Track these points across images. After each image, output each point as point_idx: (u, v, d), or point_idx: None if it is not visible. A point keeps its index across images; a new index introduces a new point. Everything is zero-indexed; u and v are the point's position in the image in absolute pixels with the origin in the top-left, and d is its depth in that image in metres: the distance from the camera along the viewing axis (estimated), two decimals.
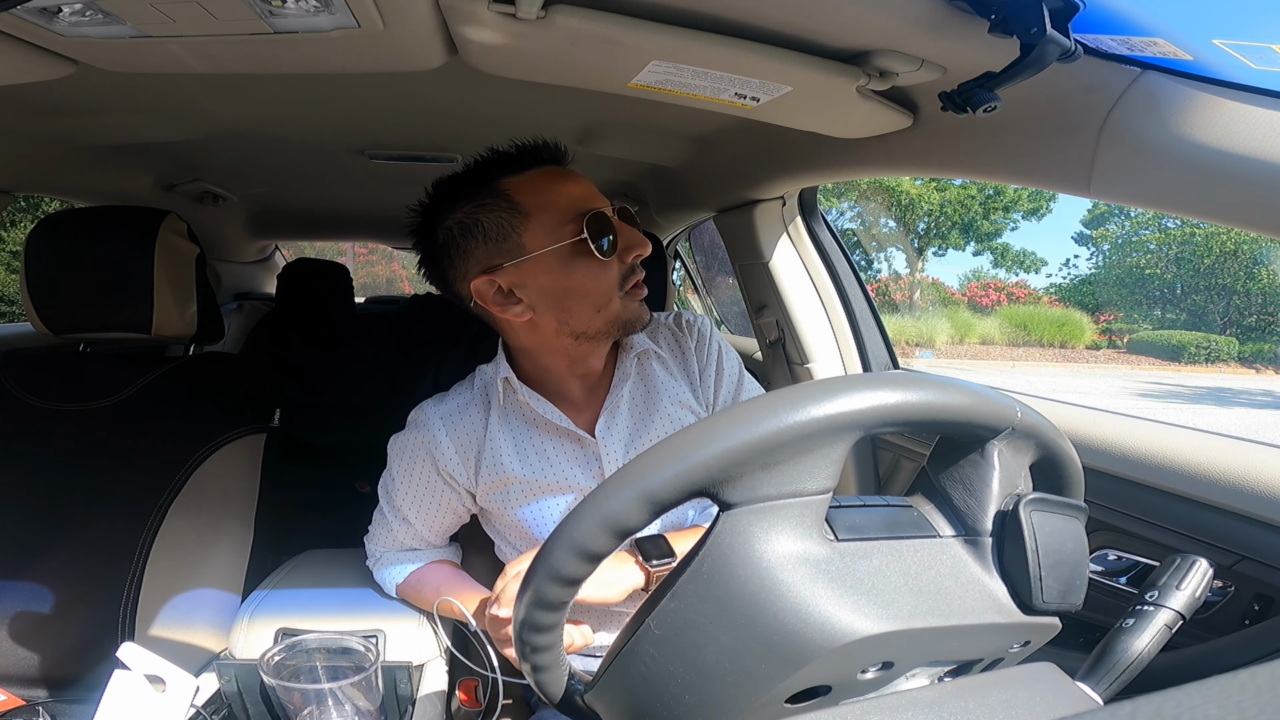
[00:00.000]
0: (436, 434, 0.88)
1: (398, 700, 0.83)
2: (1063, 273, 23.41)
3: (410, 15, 0.66)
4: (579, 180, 0.83)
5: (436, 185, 0.86)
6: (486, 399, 0.90)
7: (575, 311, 0.82)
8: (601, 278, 0.81)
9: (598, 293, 0.81)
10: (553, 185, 0.82)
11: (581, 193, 0.82)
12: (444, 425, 0.88)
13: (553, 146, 0.85)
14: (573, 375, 0.88)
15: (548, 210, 0.80)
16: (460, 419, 0.89)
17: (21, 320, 1.58)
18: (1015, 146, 0.78)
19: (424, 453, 0.89)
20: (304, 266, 2.23)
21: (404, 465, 0.91)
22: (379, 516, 0.96)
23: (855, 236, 18.43)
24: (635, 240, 0.83)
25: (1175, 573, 0.52)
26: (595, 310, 0.82)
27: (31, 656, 0.95)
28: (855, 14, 0.66)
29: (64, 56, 0.73)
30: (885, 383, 0.43)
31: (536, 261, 0.80)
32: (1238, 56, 0.57)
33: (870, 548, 0.44)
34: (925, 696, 0.38)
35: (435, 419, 0.89)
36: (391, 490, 0.92)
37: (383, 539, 0.95)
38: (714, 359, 0.95)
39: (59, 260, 1.04)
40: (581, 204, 0.81)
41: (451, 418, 0.89)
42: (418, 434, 0.89)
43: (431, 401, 0.92)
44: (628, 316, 0.84)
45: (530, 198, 0.81)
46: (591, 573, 0.45)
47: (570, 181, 0.83)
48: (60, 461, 1.03)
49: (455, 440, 0.88)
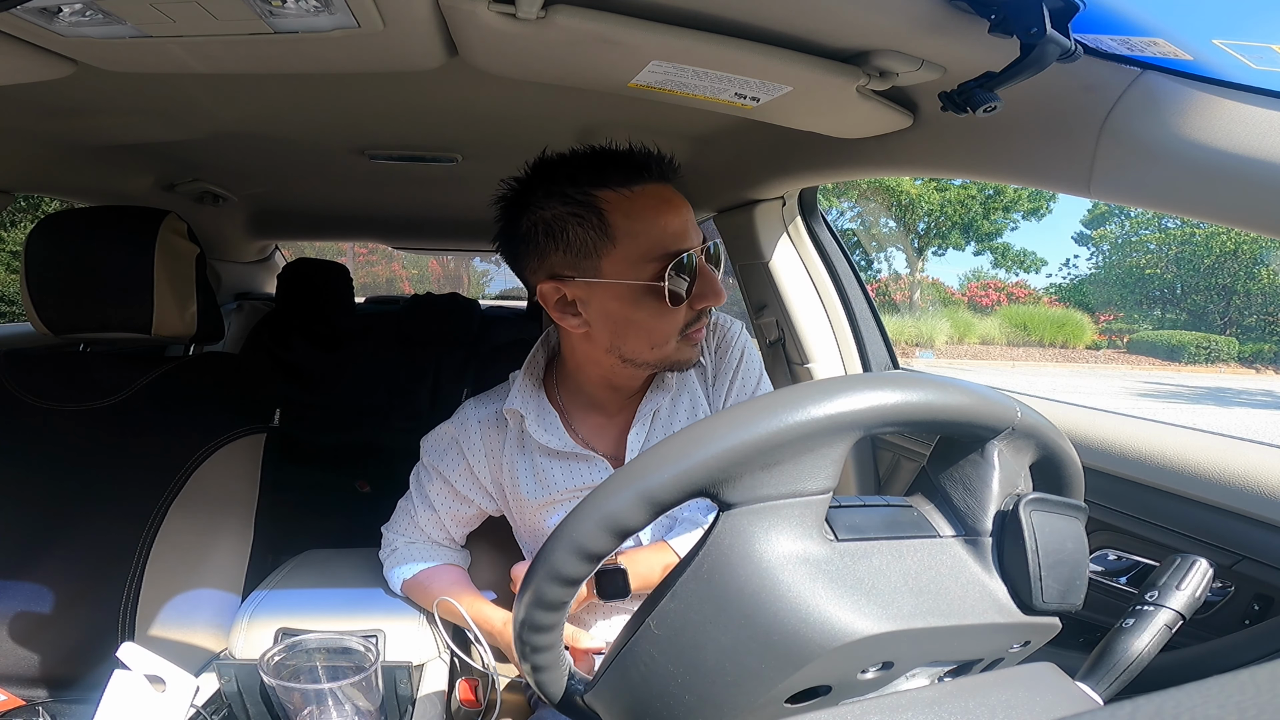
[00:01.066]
0: (471, 435, 0.91)
1: (398, 700, 0.83)
2: (1063, 273, 23.41)
3: (410, 15, 0.66)
4: (679, 211, 0.79)
5: (536, 166, 0.81)
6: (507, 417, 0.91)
7: (630, 341, 0.81)
8: (666, 320, 0.79)
9: (658, 333, 0.80)
10: (650, 214, 0.77)
11: (676, 228, 0.78)
12: (480, 430, 0.91)
13: (665, 162, 0.81)
14: (611, 386, 0.89)
15: (637, 240, 0.76)
16: (494, 427, 0.91)
17: (21, 320, 1.58)
18: (1015, 146, 0.78)
19: (457, 450, 0.91)
20: (304, 266, 2.23)
21: (439, 456, 0.93)
22: (404, 505, 0.98)
23: (855, 236, 18.45)
24: (710, 290, 0.79)
25: (1175, 573, 0.52)
26: (649, 347, 0.81)
27: (31, 656, 0.95)
28: (855, 14, 0.66)
29: (64, 56, 0.73)
30: (885, 383, 0.43)
31: (608, 288, 0.78)
32: (1238, 56, 0.57)
33: (870, 548, 0.44)
34: (925, 696, 0.38)
35: (473, 421, 0.91)
36: (424, 478, 0.94)
37: (404, 526, 0.97)
38: (734, 365, 0.93)
39: (59, 260, 1.04)
40: (671, 243, 0.77)
41: (487, 424, 0.91)
42: (456, 430, 0.92)
43: (473, 402, 0.94)
44: (679, 358, 0.83)
45: (624, 221, 0.76)
46: (591, 573, 0.45)
47: (669, 212, 0.78)
48: (60, 461, 1.03)
49: (486, 446, 0.91)
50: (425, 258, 15.58)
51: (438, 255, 12.36)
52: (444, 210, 2.19)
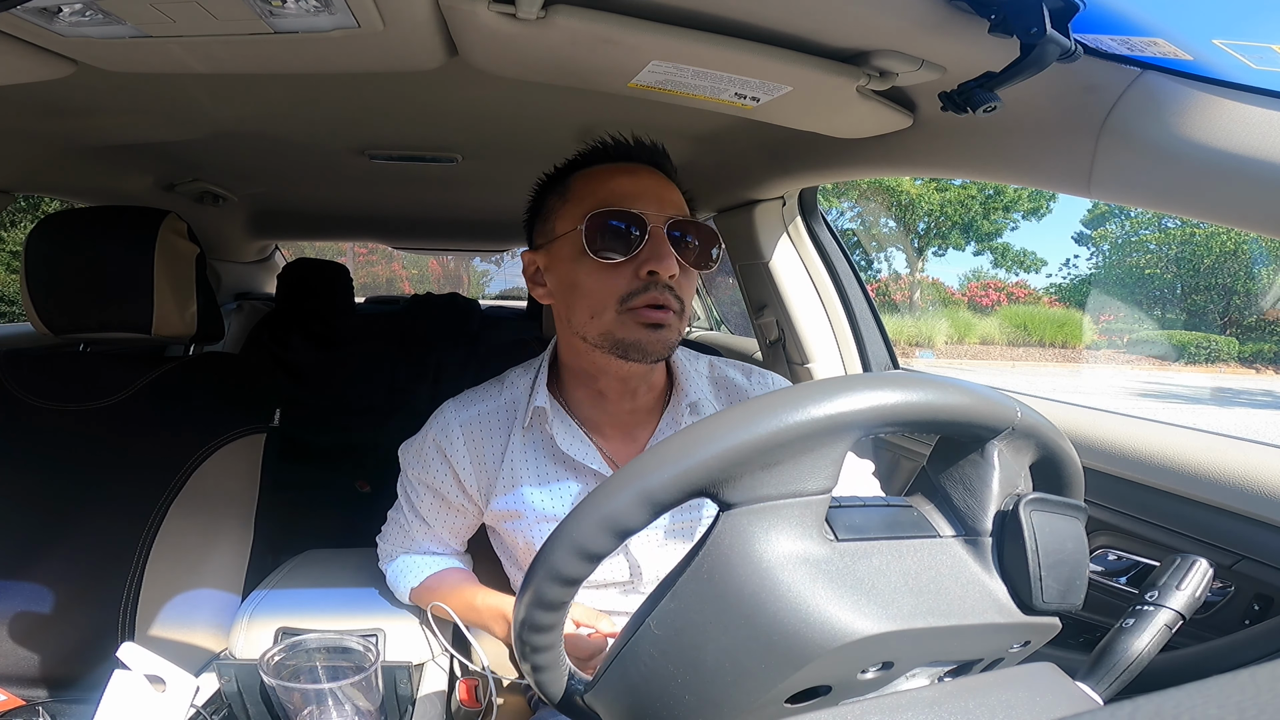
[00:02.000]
0: (455, 441, 0.84)
1: (398, 700, 0.83)
2: (1063, 273, 23.40)
3: (410, 15, 0.66)
4: (641, 178, 0.77)
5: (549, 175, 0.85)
6: (512, 414, 0.85)
7: (576, 310, 0.78)
8: (603, 281, 0.75)
9: (595, 297, 0.76)
10: (604, 176, 0.78)
11: (627, 189, 0.76)
12: (463, 433, 0.84)
13: (655, 149, 0.81)
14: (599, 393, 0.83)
15: (584, 199, 0.77)
16: (481, 430, 0.85)
17: (21, 320, 1.58)
18: (1015, 146, 0.78)
19: (442, 458, 0.85)
20: (304, 266, 2.23)
21: (422, 467, 0.87)
22: (395, 517, 0.94)
23: (855, 236, 18.45)
24: (655, 255, 0.73)
25: (1175, 573, 0.52)
26: (589, 315, 0.76)
27: (31, 656, 0.95)
28: (855, 14, 0.66)
29: (64, 56, 0.73)
30: (885, 383, 0.43)
31: (559, 247, 0.78)
32: (1238, 56, 0.57)
33: (870, 548, 0.44)
34: (925, 696, 0.38)
35: (455, 425, 0.85)
36: (410, 492, 0.90)
37: (398, 540, 0.93)
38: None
39: (59, 260, 1.04)
40: (615, 200, 0.75)
41: (472, 426, 0.85)
42: (436, 438, 0.85)
43: (453, 404, 0.87)
44: (622, 336, 0.75)
45: (580, 185, 0.79)
46: (591, 573, 0.45)
47: (626, 177, 0.77)
48: (60, 461, 1.03)
49: (473, 452, 0.84)
50: (425, 258, 15.56)
51: (438, 255, 12.36)
52: (444, 210, 2.19)
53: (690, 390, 0.84)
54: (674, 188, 0.81)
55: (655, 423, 0.85)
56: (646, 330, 0.75)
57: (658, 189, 0.78)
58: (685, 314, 0.78)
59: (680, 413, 0.84)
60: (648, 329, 0.75)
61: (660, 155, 0.82)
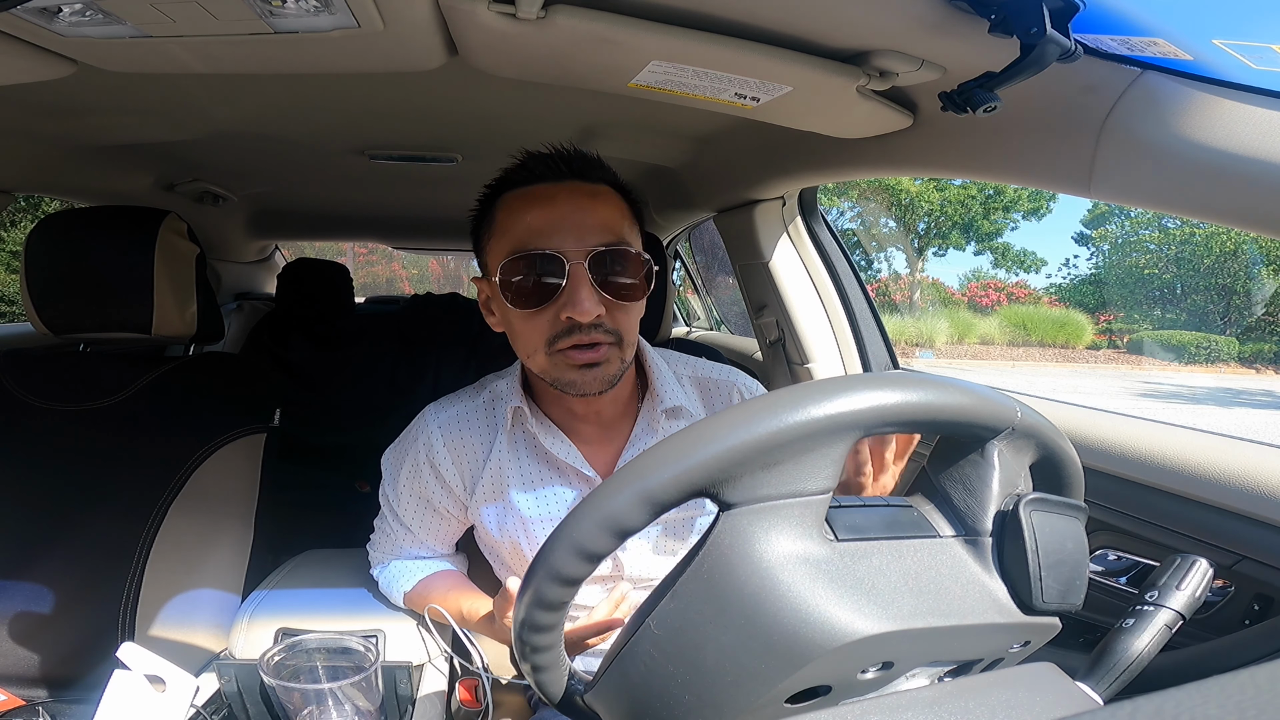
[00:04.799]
0: (434, 443, 0.84)
1: (398, 700, 0.83)
2: (1063, 273, 23.42)
3: (410, 15, 0.66)
4: (558, 206, 0.73)
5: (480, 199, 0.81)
6: (493, 418, 0.85)
7: (517, 345, 0.78)
8: (528, 325, 0.74)
9: (524, 339, 0.75)
10: (520, 208, 0.74)
11: (539, 225, 0.72)
12: (442, 435, 0.84)
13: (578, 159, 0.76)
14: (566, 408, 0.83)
15: (505, 236, 0.74)
16: (460, 431, 0.85)
17: (21, 320, 1.58)
18: (1015, 146, 0.78)
19: (423, 461, 0.85)
20: (304, 266, 2.23)
21: (403, 474, 0.87)
22: (381, 525, 0.94)
23: (855, 236, 18.45)
24: (569, 301, 0.70)
25: (1175, 573, 0.52)
26: (526, 354, 0.77)
27: (31, 656, 0.95)
28: (855, 14, 0.66)
29: (64, 56, 0.73)
30: (885, 383, 0.43)
31: (494, 282, 0.75)
32: (1238, 56, 0.57)
33: (870, 548, 0.44)
34: (925, 696, 0.38)
35: (434, 427, 0.85)
36: (391, 499, 0.90)
37: (386, 547, 0.94)
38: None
39: (59, 260, 1.04)
40: (527, 240, 0.72)
41: (450, 428, 0.85)
42: (415, 442, 0.86)
43: (432, 408, 0.87)
44: (557, 376, 0.74)
45: (503, 215, 0.75)
46: (591, 573, 0.45)
47: (541, 208, 0.73)
48: (60, 461, 1.03)
49: (453, 453, 0.84)
50: (425, 258, 15.57)
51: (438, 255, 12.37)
52: (444, 210, 2.19)
53: (666, 393, 0.83)
54: (601, 204, 0.74)
55: (630, 423, 0.85)
56: (580, 370, 0.74)
57: (577, 215, 0.72)
58: (626, 342, 0.75)
59: (656, 414, 0.83)
60: (580, 369, 0.73)
61: (584, 164, 0.76)
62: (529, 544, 0.84)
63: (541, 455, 0.83)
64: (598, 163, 0.77)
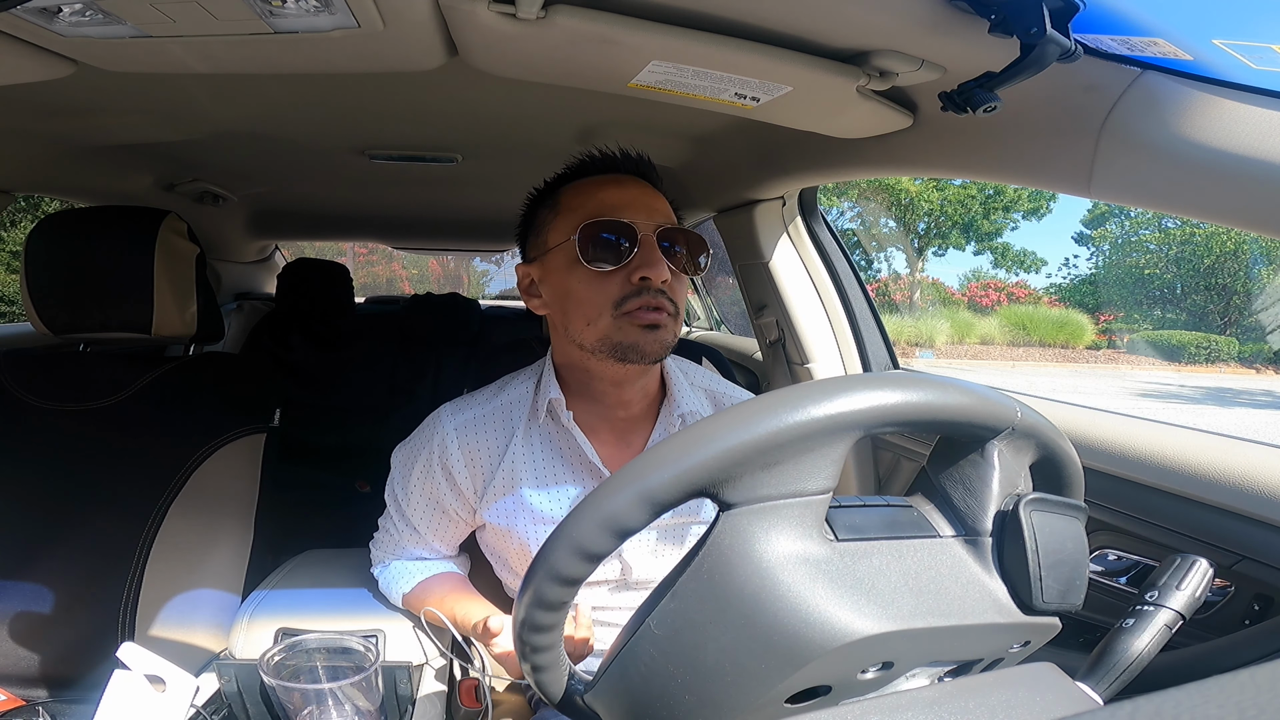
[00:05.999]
0: (449, 444, 0.85)
1: (398, 700, 0.83)
2: (1063, 273, 23.42)
3: (410, 15, 0.66)
4: (628, 189, 0.81)
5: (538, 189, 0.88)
6: (509, 420, 0.86)
7: (572, 318, 0.79)
8: (597, 289, 0.77)
9: (590, 304, 0.78)
10: (593, 188, 0.81)
11: (615, 200, 0.79)
12: (458, 436, 0.85)
13: (641, 160, 0.84)
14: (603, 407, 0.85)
15: (575, 211, 0.80)
16: (477, 433, 0.85)
17: (21, 320, 1.58)
18: (1015, 146, 0.78)
19: (435, 463, 0.85)
20: (304, 267, 2.23)
21: (415, 474, 0.87)
22: (386, 524, 0.94)
23: (855, 236, 18.45)
24: (645, 262, 0.76)
25: (1175, 573, 0.52)
26: (586, 322, 0.78)
27: (31, 656, 0.95)
28: (855, 14, 0.66)
29: (64, 56, 0.73)
30: (885, 383, 0.43)
31: (552, 259, 0.81)
32: (1238, 56, 0.57)
33: (870, 548, 0.44)
34: (925, 696, 0.38)
35: (450, 429, 0.85)
36: (400, 498, 0.90)
37: (389, 546, 0.93)
38: None
39: (59, 260, 1.04)
40: (604, 211, 0.78)
41: (467, 430, 0.85)
42: (429, 443, 0.86)
43: (449, 408, 0.88)
44: (619, 339, 0.77)
45: (570, 198, 0.81)
46: (591, 573, 0.45)
47: (614, 188, 0.80)
48: (60, 461, 1.03)
49: (466, 454, 0.85)
50: (425, 258, 15.58)
51: (438, 255, 12.37)
52: (444, 210, 2.19)
53: (682, 400, 0.86)
54: (660, 197, 0.83)
55: (649, 429, 0.87)
56: (643, 331, 0.77)
57: (645, 199, 0.80)
58: (679, 317, 0.81)
59: (673, 418, 0.86)
60: (644, 330, 0.77)
61: (646, 166, 0.84)
62: (537, 543, 0.84)
63: (558, 453, 0.85)
64: (654, 167, 0.85)
